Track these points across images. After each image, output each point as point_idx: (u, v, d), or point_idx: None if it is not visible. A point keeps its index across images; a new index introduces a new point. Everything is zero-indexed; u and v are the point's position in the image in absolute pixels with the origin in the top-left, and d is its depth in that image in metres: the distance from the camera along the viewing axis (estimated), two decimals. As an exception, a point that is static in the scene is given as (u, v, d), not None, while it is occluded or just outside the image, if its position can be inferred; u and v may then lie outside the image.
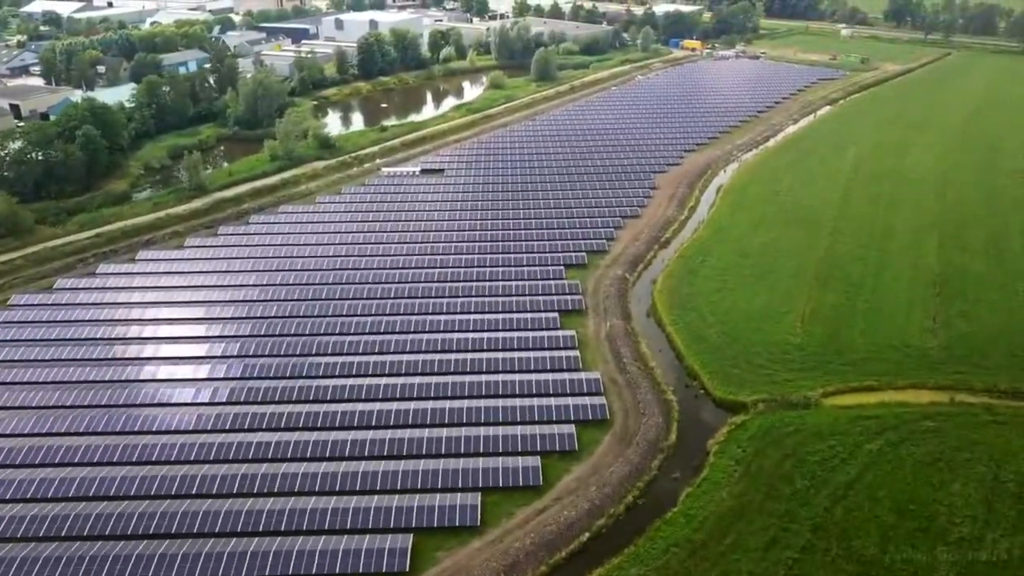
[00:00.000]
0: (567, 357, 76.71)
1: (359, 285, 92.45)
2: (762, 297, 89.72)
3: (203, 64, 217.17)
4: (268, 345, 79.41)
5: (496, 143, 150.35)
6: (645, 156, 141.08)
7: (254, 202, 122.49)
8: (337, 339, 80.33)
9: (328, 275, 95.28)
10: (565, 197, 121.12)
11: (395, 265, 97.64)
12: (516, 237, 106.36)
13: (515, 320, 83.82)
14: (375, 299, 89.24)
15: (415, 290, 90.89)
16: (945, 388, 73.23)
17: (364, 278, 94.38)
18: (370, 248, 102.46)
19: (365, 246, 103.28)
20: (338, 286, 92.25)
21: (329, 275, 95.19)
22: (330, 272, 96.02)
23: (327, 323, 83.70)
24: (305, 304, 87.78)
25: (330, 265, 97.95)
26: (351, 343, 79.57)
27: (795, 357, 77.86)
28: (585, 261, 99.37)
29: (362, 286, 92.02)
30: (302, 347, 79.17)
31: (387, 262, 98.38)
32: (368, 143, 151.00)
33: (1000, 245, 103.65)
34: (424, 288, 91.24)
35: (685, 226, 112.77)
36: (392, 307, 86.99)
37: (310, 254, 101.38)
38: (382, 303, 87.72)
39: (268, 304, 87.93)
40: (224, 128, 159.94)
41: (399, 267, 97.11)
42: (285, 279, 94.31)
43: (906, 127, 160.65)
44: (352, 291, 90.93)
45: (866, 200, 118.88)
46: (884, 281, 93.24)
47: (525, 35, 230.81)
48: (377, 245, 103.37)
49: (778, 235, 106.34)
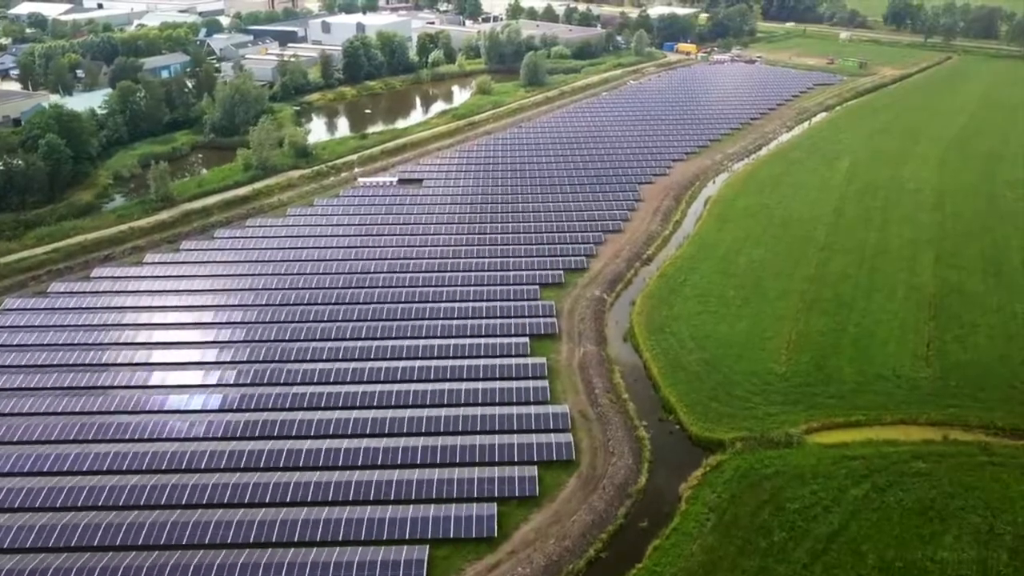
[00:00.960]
0: (535, 388, 71.85)
1: (322, 306, 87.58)
2: (746, 320, 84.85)
3: (187, 68, 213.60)
4: (218, 375, 74.59)
5: (479, 151, 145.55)
6: (632, 166, 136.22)
7: (223, 214, 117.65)
8: (292, 366, 75.49)
9: (291, 295, 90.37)
10: (546, 210, 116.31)
11: (361, 284, 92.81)
12: (492, 253, 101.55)
13: (483, 346, 78.98)
14: (336, 322, 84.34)
15: (379, 312, 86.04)
16: (938, 424, 68.38)
17: (328, 298, 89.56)
18: (336, 266, 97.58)
19: (331, 263, 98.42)
20: (299, 307, 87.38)
21: (291, 295, 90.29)
22: (293, 292, 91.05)
23: (284, 349, 78.82)
24: (262, 327, 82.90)
25: (294, 284, 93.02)
26: (306, 371, 74.69)
27: (778, 388, 72.98)
28: (562, 280, 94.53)
29: (324, 307, 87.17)
30: (254, 376, 74.35)
31: (353, 281, 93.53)
32: (347, 151, 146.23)
33: (999, 261, 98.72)
34: (389, 310, 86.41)
35: (669, 242, 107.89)
36: (353, 331, 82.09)
37: (274, 271, 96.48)
38: (342, 327, 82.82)
39: (225, 328, 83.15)
40: (200, 135, 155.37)
41: (365, 286, 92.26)
42: (245, 299, 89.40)
43: (903, 135, 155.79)
44: (314, 313, 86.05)
45: (859, 213, 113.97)
46: (876, 302, 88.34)
47: (516, 38, 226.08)
48: (344, 262, 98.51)
49: (766, 252, 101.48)
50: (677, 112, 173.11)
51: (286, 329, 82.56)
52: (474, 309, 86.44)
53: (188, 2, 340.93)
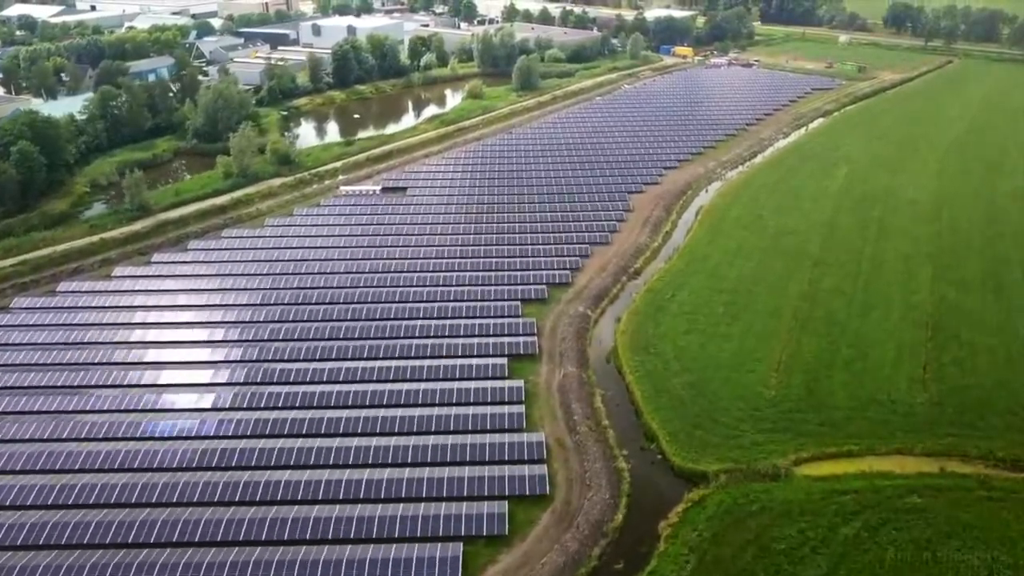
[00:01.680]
0: (511, 414, 68.23)
1: (295, 324, 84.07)
2: (735, 340, 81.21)
3: (175, 71, 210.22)
4: (193, 399, 71.04)
5: (466, 158, 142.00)
6: (622, 174, 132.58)
7: (199, 224, 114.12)
8: (257, 389, 71.97)
9: (263, 311, 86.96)
10: (532, 220, 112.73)
11: (336, 300, 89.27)
12: (474, 267, 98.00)
13: (459, 368, 75.35)
14: (308, 340, 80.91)
15: (351, 331, 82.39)
16: (935, 454, 64.68)
17: (300, 315, 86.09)
18: (310, 280, 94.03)
19: (306, 276, 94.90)
20: (271, 325, 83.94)
21: (263, 311, 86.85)
22: (265, 308, 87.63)
23: (256, 369, 75.26)
24: (236, 347, 79.39)
25: (266, 299, 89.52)
26: (271, 395, 71.18)
27: (767, 415, 69.33)
28: (545, 295, 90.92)
29: (294, 325, 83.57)
30: (220, 401, 70.83)
31: (327, 296, 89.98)
32: (331, 158, 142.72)
33: (998, 277, 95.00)
34: (363, 328, 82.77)
35: (658, 254, 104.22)
36: (323, 351, 78.51)
37: (246, 286, 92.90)
38: (314, 347, 79.28)
39: (194, 348, 79.59)
40: (183, 141, 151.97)
41: (340, 302, 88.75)
42: (215, 316, 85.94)
43: (901, 142, 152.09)
44: (287, 331, 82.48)
45: (855, 225, 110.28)
46: (871, 321, 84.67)
47: (509, 42, 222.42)
48: (319, 276, 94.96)
49: (757, 266, 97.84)
50: (671, 117, 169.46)
51: (262, 348, 79.01)
52: (451, 327, 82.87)
53: (181, 4, 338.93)
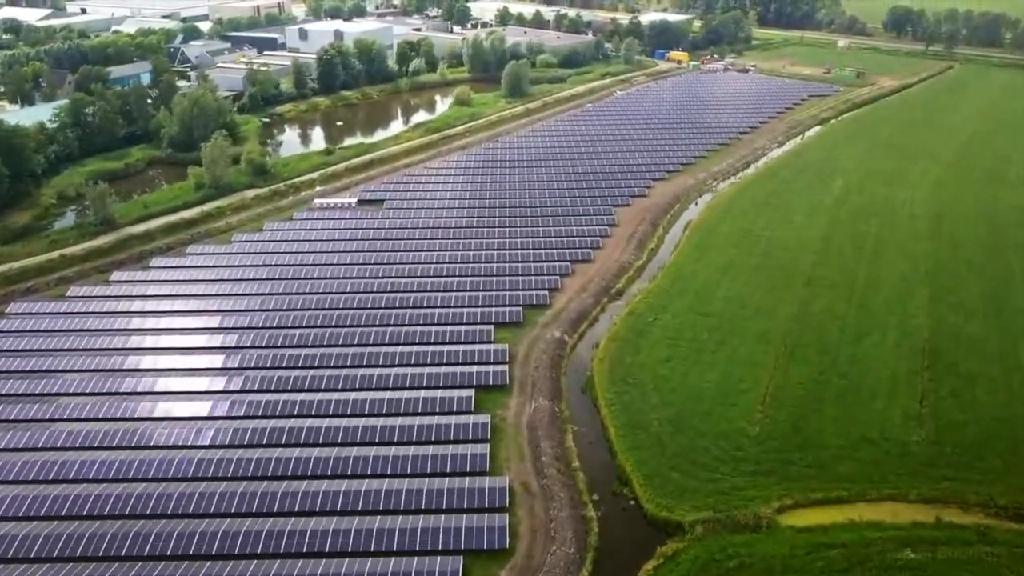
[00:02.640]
0: (473, 455, 63.29)
1: (253, 350, 79.32)
2: (719, 368, 76.28)
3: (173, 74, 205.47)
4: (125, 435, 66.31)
5: (448, 169, 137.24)
6: (609, 185, 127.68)
7: (165, 239, 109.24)
8: (203, 424, 67.21)
9: (221, 336, 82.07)
10: (512, 236, 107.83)
11: (299, 324, 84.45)
12: (447, 287, 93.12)
13: (422, 401, 70.46)
14: (266, 369, 76.13)
15: (313, 359, 77.53)
16: (931, 501, 59.78)
17: (260, 340, 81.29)
18: (275, 301, 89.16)
19: (270, 298, 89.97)
20: (231, 351, 79.14)
21: (219, 338, 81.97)
22: (223, 333, 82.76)
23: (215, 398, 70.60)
24: (195, 377, 74.63)
25: (225, 323, 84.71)
26: (219, 430, 66.37)
27: (750, 454, 64.41)
28: (521, 318, 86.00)
29: (253, 352, 78.74)
30: (160, 436, 66.09)
31: (290, 320, 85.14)
32: (310, 168, 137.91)
33: (1000, 300, 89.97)
34: (324, 356, 77.83)
35: (642, 273, 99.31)
36: (280, 382, 73.70)
37: (207, 307, 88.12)
38: (269, 376, 74.39)
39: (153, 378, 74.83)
40: (158, 150, 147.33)
41: (302, 326, 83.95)
42: (174, 342, 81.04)
43: (899, 152, 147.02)
44: (245, 358, 77.72)
45: (850, 241, 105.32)
46: (864, 348, 79.71)
47: (500, 46, 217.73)
48: (284, 297, 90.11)
49: (746, 286, 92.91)
50: (662, 125, 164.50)
51: (224, 376, 74.20)
52: (418, 355, 77.92)
53: (172, 7, 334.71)
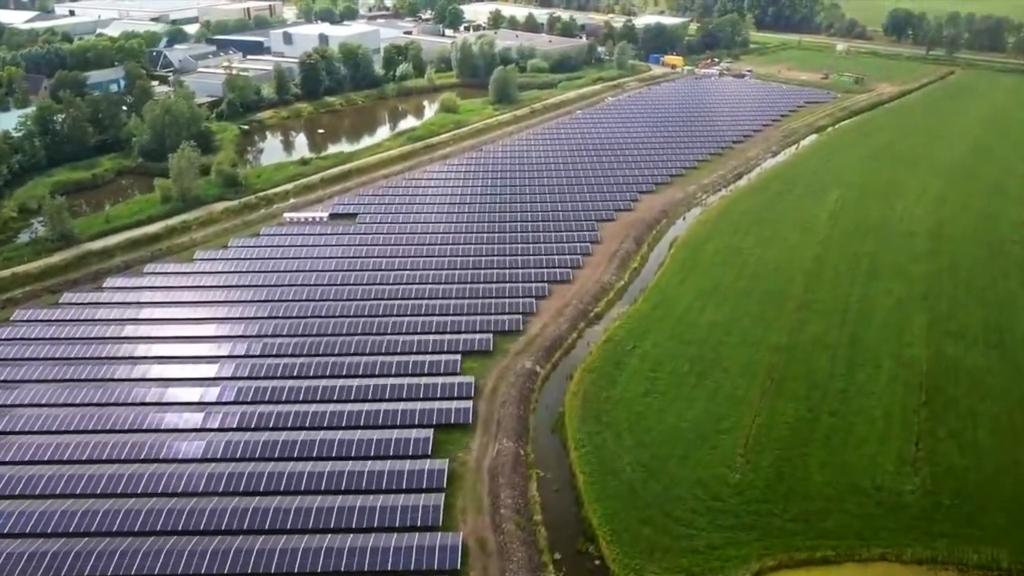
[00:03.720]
0: (426, 507, 57.85)
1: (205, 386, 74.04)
2: (699, 404, 70.83)
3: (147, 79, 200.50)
4: (68, 481, 60.96)
5: (427, 180, 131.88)
6: (594, 199, 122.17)
7: (125, 256, 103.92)
8: (143, 468, 61.87)
9: (172, 368, 76.79)
10: (489, 253, 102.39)
11: (255, 353, 79.03)
12: (415, 310, 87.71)
13: (375, 443, 64.97)
14: (215, 404, 70.76)
15: (265, 392, 72.07)
16: (927, 562, 54.48)
17: (210, 372, 75.84)
18: (231, 327, 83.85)
19: (225, 323, 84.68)
20: (177, 385, 73.91)
21: (172, 368, 76.59)
22: (172, 364, 77.44)
23: (137, 444, 65.18)
24: (116, 412, 69.32)
25: (178, 351, 79.34)
26: (156, 475, 61.00)
27: (730, 506, 58.98)
28: (491, 346, 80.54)
29: (203, 388, 73.46)
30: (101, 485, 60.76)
31: (247, 348, 79.69)
32: (284, 179, 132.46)
33: (1003, 328, 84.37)
34: (276, 390, 72.29)
35: (624, 295, 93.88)
36: (224, 418, 68.29)
37: (161, 334, 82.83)
38: (220, 412, 69.01)
39: (91, 413, 69.45)
40: (128, 160, 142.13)
41: (259, 355, 78.54)
42: (113, 372, 75.79)
43: (898, 163, 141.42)
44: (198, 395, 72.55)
45: (844, 261, 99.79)
46: (857, 382, 74.20)
47: (489, 51, 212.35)
48: (241, 323, 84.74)
49: (732, 310, 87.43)
50: (653, 134, 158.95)
51: (144, 415, 68.81)
52: (377, 389, 72.43)
53: (161, 9, 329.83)
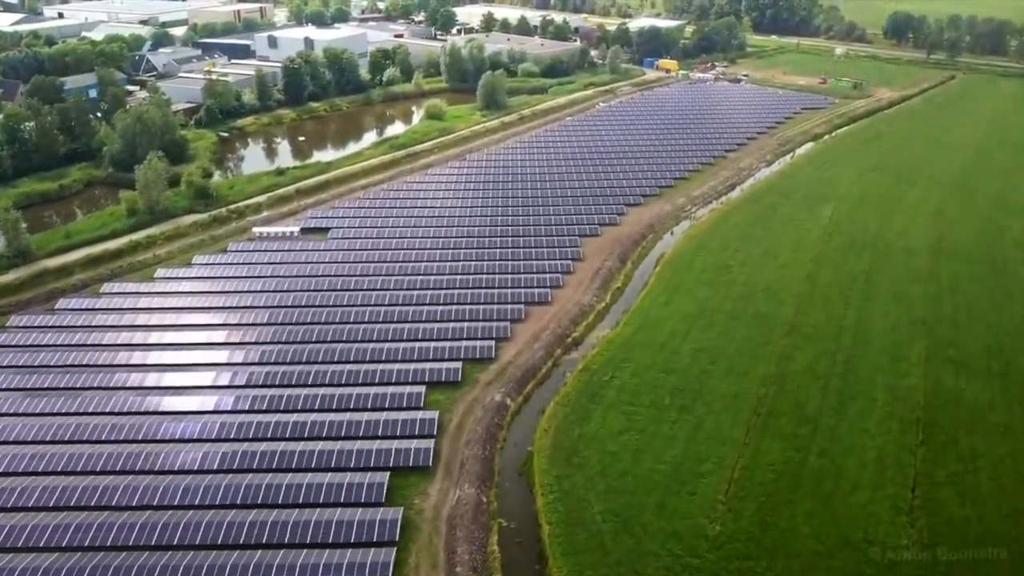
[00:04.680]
0: (374, 564, 52.75)
1: (151, 417, 69.04)
2: (679, 444, 65.73)
3: (120, 86, 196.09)
4: None
5: (407, 191, 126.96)
6: (578, 212, 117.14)
7: (84, 274, 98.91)
8: (91, 516, 56.87)
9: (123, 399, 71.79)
10: (465, 271, 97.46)
11: (202, 385, 73.89)
12: (381, 336, 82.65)
13: (325, 488, 59.86)
14: (168, 441, 65.74)
15: (211, 427, 67.10)
16: (922, 631, 49.37)
17: (166, 405, 70.90)
18: (184, 355, 78.69)
19: (179, 351, 79.57)
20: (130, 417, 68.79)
21: (110, 399, 71.52)
22: (112, 394, 72.43)
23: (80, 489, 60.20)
24: (64, 453, 64.33)
25: (119, 381, 74.37)
26: (98, 526, 56.00)
27: (707, 563, 53.84)
28: (459, 376, 75.46)
29: (148, 419, 68.31)
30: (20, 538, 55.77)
31: (204, 379, 74.67)
32: (257, 190, 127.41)
33: (1006, 356, 79.19)
34: (225, 425, 67.25)
35: (605, 318, 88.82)
36: (168, 459, 63.21)
37: (113, 361, 77.91)
38: (157, 451, 64.01)
39: (31, 454, 64.48)
40: (99, 170, 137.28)
41: (208, 386, 73.51)
42: (55, 406, 70.80)
43: (896, 174, 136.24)
44: (141, 429, 67.35)
45: (838, 282, 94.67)
46: (849, 418, 69.10)
47: (478, 55, 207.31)
48: (192, 352, 79.48)
49: (719, 336, 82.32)
50: (643, 142, 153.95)
51: (91, 457, 63.80)
52: (332, 426, 67.38)
53: (151, 12, 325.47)
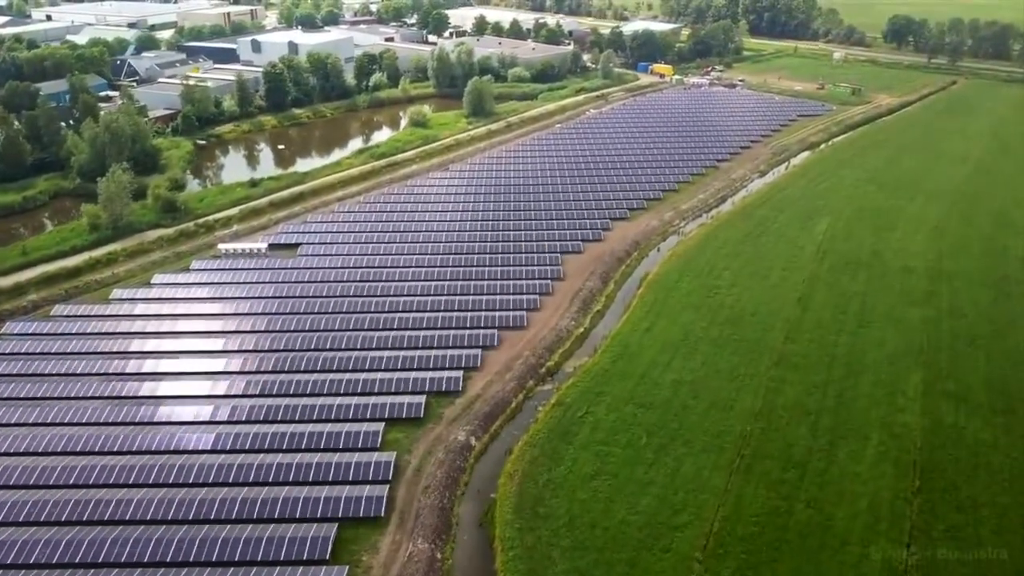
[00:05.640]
0: (309, 635, 47.82)
1: (90, 456, 63.90)
2: (655, 490, 60.51)
3: (99, 91, 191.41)
4: None
5: (384, 203, 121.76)
6: (561, 227, 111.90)
7: (39, 294, 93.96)
8: None
9: (62, 436, 66.63)
10: (437, 291, 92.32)
11: (153, 420, 68.83)
12: (343, 365, 77.46)
13: (267, 542, 54.56)
14: (110, 486, 60.56)
15: (147, 471, 61.81)
16: None
17: (110, 443, 65.64)
18: (127, 388, 73.48)
19: (131, 382, 74.40)
20: (69, 456, 63.70)
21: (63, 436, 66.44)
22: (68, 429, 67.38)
23: None
24: None
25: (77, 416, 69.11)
26: None
27: (679, 634, 48.77)
28: (422, 412, 70.18)
29: (90, 459, 63.21)
30: None
31: (147, 414, 69.53)
32: (229, 203, 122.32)
33: (1010, 390, 73.77)
34: (170, 466, 62.20)
35: (583, 344, 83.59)
36: (95, 507, 57.97)
37: (60, 393, 72.65)
38: (85, 497, 58.84)
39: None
40: (66, 181, 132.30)
41: (156, 423, 68.35)
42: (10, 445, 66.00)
43: (894, 187, 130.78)
44: (78, 471, 62.20)
45: (831, 304, 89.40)
46: (840, 460, 63.86)
47: (467, 59, 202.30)
48: (141, 382, 74.31)
49: (702, 365, 77.06)
50: (632, 151, 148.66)
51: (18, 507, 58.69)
52: (280, 470, 62.11)
53: (141, 14, 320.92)
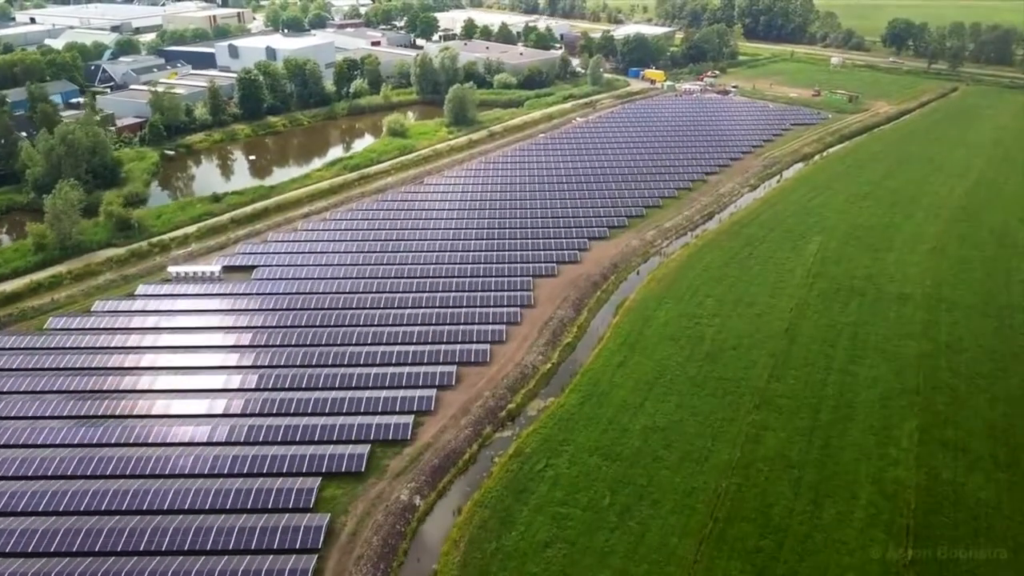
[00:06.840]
0: None
1: None
2: (615, 561, 53.84)
3: (70, 98, 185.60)
4: None
5: (351, 220, 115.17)
6: (536, 247, 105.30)
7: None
8: None
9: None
10: (396, 321, 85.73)
11: (77, 473, 62.29)
12: (284, 408, 70.80)
13: (167, 628, 48.34)
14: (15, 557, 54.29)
15: (53, 537, 55.43)
16: None
17: (16, 502, 59.47)
18: (63, 431, 66.90)
19: (51, 428, 67.80)
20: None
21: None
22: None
23: None
24: None
25: None
26: None
27: None
28: (363, 465, 63.51)
29: None
30: None
31: (63, 466, 62.96)
32: (188, 220, 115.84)
33: (1014, 438, 66.98)
34: (67, 532, 55.66)
35: (549, 381, 76.90)
36: None
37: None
38: None
39: None
40: (20, 195, 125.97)
41: (77, 475, 61.80)
42: None
43: (891, 202, 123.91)
44: None
45: (820, 336, 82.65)
46: (823, 525, 57.14)
47: (451, 65, 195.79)
48: (70, 428, 67.67)
49: (676, 409, 70.37)
50: (616, 163, 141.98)
51: None
52: (199, 534, 55.38)
53: (124, 17, 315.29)
